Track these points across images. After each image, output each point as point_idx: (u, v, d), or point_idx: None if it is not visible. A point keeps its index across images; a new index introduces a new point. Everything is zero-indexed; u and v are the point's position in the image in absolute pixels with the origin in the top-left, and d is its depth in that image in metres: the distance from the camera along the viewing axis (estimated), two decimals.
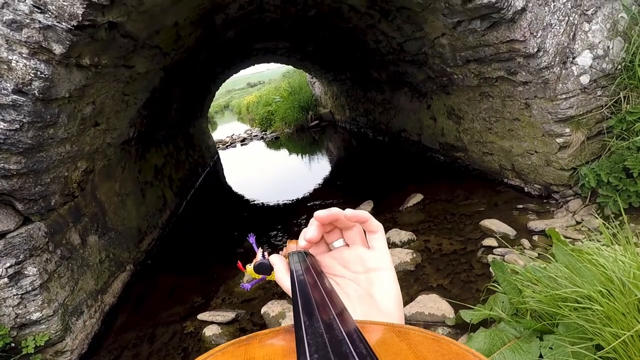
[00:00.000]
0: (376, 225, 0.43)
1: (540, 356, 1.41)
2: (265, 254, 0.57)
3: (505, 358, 1.45)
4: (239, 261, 0.71)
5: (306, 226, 0.45)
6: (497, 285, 2.01)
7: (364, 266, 0.42)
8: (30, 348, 2.50)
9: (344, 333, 0.29)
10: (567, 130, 3.17)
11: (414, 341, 0.30)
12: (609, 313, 1.18)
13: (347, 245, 0.45)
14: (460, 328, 2.24)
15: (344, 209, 0.43)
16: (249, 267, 0.58)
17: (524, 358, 1.41)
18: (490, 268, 2.29)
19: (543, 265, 1.79)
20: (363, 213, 0.42)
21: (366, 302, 0.41)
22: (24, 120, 2.21)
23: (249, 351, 0.31)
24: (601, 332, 1.20)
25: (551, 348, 1.40)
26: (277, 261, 0.48)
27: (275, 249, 4.01)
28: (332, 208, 0.42)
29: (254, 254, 0.61)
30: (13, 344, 2.51)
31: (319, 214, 0.42)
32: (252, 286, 0.65)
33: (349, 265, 0.44)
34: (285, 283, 0.46)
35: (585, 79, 3.06)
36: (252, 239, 0.68)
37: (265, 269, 0.55)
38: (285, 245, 0.53)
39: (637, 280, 1.18)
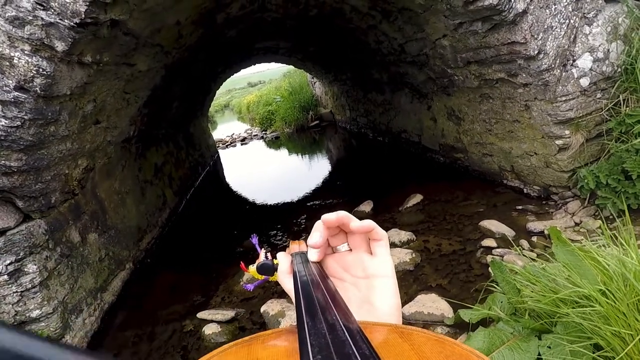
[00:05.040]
0: (381, 233, 0.43)
1: (539, 355, 1.42)
2: (269, 254, 0.57)
3: (504, 357, 1.45)
4: (242, 262, 0.72)
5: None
6: (495, 285, 2.02)
7: (365, 272, 0.42)
8: None
9: (346, 334, 0.29)
10: (567, 132, 3.18)
11: (417, 342, 0.30)
12: (609, 312, 1.19)
13: (351, 250, 0.45)
14: (459, 327, 2.25)
15: (352, 214, 0.43)
16: (252, 268, 0.58)
17: (522, 357, 1.42)
18: (489, 268, 2.30)
19: (542, 265, 1.80)
20: (368, 222, 0.42)
21: (364, 308, 0.41)
22: (25, 117, 2.21)
23: (252, 352, 0.31)
24: (601, 331, 1.21)
25: (549, 347, 1.41)
26: (282, 259, 0.48)
27: (276, 248, 4.02)
28: (340, 212, 0.42)
29: (255, 254, 0.61)
30: None
31: (327, 217, 0.42)
32: (255, 287, 0.65)
33: (351, 269, 0.44)
34: (287, 284, 0.46)
35: (585, 82, 3.07)
36: (254, 240, 0.68)
37: (268, 269, 0.55)
38: (288, 246, 0.53)
39: None
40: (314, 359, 0.26)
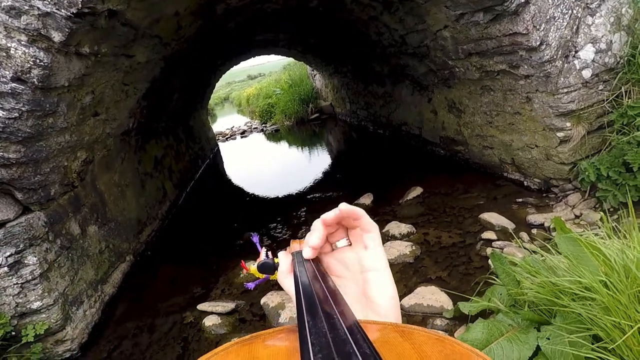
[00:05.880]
0: (370, 224, 0.42)
1: (538, 347, 1.43)
2: (269, 253, 0.57)
3: (503, 348, 1.46)
4: (242, 261, 0.71)
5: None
6: (495, 278, 2.02)
7: (361, 266, 0.43)
8: (30, 337, 2.52)
9: (347, 333, 0.29)
10: (568, 124, 3.16)
11: (417, 341, 0.30)
12: (610, 303, 1.19)
13: (351, 244, 0.45)
14: (459, 319, 2.26)
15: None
16: (253, 267, 0.58)
17: (521, 348, 1.42)
18: (489, 260, 2.30)
19: (542, 257, 1.79)
20: (357, 209, 0.42)
21: (362, 302, 0.41)
22: (23, 108, 2.20)
23: (253, 351, 0.31)
24: (600, 322, 1.21)
25: (548, 338, 1.41)
26: (283, 258, 0.48)
27: (276, 240, 4.02)
28: (342, 205, 0.42)
29: (256, 252, 0.60)
30: (13, 333, 2.53)
31: (326, 216, 0.42)
32: (255, 286, 0.65)
33: (349, 265, 0.44)
34: (285, 283, 0.46)
35: (587, 73, 3.04)
36: (255, 239, 0.68)
37: (269, 268, 0.55)
38: (289, 245, 0.53)
39: None
40: (314, 358, 0.26)
